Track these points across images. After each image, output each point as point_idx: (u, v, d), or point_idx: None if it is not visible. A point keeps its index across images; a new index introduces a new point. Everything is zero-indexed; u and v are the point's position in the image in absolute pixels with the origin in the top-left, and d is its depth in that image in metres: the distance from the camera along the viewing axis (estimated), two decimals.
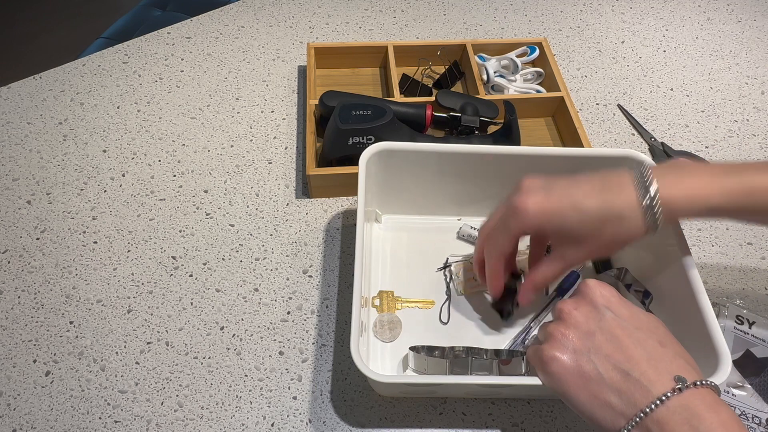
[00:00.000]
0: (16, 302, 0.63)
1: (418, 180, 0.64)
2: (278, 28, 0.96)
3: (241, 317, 0.62)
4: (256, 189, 0.74)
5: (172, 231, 0.69)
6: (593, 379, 0.39)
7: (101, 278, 0.65)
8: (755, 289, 0.66)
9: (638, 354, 0.40)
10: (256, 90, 0.86)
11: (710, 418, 0.36)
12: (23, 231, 0.69)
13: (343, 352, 0.60)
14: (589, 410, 0.39)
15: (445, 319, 0.61)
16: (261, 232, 0.69)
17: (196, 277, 0.65)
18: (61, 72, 0.87)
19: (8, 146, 0.77)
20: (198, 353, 0.59)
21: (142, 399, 0.56)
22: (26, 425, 0.55)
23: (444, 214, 0.69)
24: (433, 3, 1.02)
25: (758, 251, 0.69)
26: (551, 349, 0.42)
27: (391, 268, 0.65)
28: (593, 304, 0.43)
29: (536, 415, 0.56)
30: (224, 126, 0.81)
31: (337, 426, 0.55)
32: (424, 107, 0.75)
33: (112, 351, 0.59)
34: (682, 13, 1.03)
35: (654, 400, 0.37)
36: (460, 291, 0.63)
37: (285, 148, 0.78)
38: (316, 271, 0.66)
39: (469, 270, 0.63)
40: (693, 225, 0.72)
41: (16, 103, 0.83)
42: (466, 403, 0.57)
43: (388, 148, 0.61)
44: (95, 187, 0.73)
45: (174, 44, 0.92)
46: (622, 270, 0.60)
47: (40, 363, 0.59)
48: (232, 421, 0.55)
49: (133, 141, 0.78)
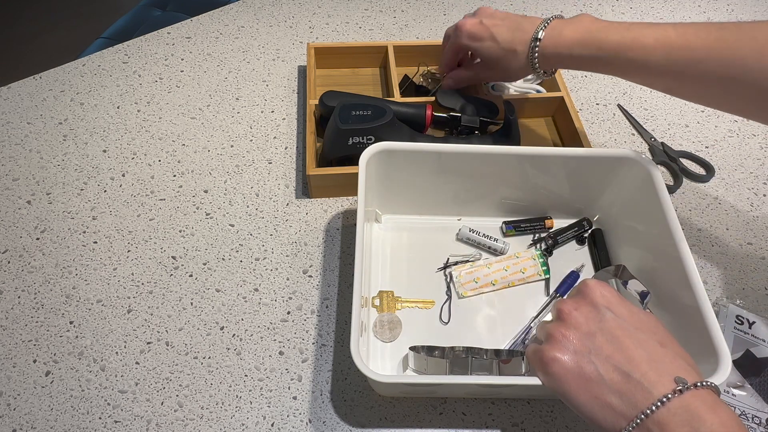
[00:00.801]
0: (16, 302, 0.63)
1: (418, 180, 0.64)
2: (278, 28, 0.96)
3: (241, 317, 0.62)
4: (256, 189, 0.74)
5: (172, 231, 0.69)
6: (594, 380, 0.39)
7: (101, 278, 0.65)
8: (755, 289, 0.66)
9: (639, 355, 0.40)
10: (256, 90, 0.86)
11: (711, 419, 0.36)
12: (23, 231, 0.69)
13: (343, 352, 0.60)
14: (589, 411, 0.39)
15: (446, 319, 0.61)
16: (261, 232, 0.69)
17: (196, 277, 0.65)
18: (61, 72, 0.87)
19: (8, 146, 0.77)
20: (198, 353, 0.59)
21: (142, 399, 0.56)
22: (26, 425, 0.55)
23: (444, 214, 0.69)
24: (433, 3, 1.02)
25: (758, 251, 0.69)
26: (552, 349, 0.41)
27: (391, 268, 0.65)
28: (593, 304, 0.43)
29: (536, 415, 0.56)
30: (224, 126, 0.81)
31: (337, 426, 0.55)
32: (424, 107, 0.75)
33: (112, 351, 0.59)
34: (682, 13, 1.03)
35: (655, 402, 0.37)
36: (461, 294, 0.63)
37: (285, 148, 0.78)
38: (316, 271, 0.66)
39: (469, 273, 0.63)
40: (693, 225, 0.72)
41: (16, 103, 0.83)
42: (466, 403, 0.57)
43: (388, 148, 0.61)
44: (95, 187, 0.73)
45: (174, 44, 0.92)
46: (620, 267, 0.60)
47: (40, 363, 0.59)
48: (232, 421, 0.55)
49: (133, 141, 0.78)
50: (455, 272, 0.64)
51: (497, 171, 0.63)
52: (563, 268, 0.66)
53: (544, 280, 0.64)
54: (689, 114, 0.85)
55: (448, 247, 0.67)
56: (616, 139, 0.82)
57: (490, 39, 0.66)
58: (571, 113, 0.78)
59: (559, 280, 0.65)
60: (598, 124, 0.84)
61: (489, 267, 0.64)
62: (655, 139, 0.81)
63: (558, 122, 0.83)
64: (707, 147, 0.81)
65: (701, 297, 0.51)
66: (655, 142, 0.81)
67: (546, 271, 0.64)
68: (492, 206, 0.69)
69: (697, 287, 0.51)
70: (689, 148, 0.80)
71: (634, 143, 0.81)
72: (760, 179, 0.77)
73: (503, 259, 0.65)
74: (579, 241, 0.68)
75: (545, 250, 0.66)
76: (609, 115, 0.85)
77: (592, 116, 0.85)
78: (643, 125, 0.83)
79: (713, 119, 0.85)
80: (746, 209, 0.74)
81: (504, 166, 0.63)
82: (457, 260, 0.66)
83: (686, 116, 0.85)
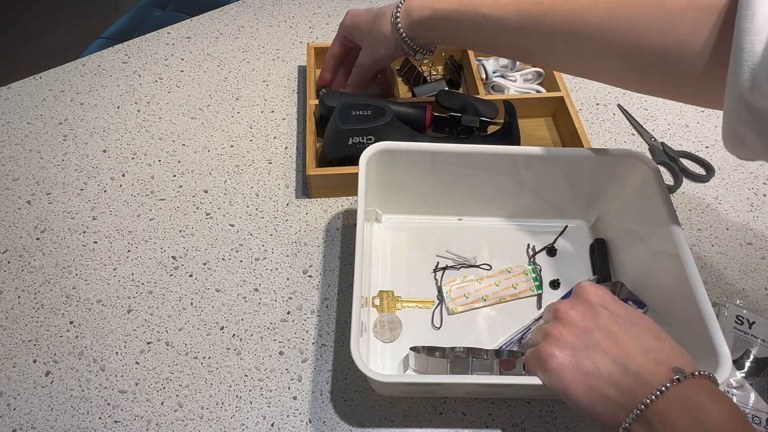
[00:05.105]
0: (16, 302, 0.63)
1: (419, 180, 0.64)
2: (278, 28, 0.96)
3: (241, 317, 0.62)
4: (256, 189, 0.74)
5: (172, 231, 0.69)
6: (592, 374, 0.40)
7: (101, 278, 0.65)
8: (755, 289, 0.66)
9: (635, 348, 0.40)
10: (256, 90, 0.86)
11: (710, 407, 0.36)
12: (23, 231, 0.69)
13: (343, 352, 0.60)
14: (588, 406, 0.39)
15: (438, 324, 0.61)
16: (261, 232, 0.69)
17: (196, 277, 0.65)
18: (61, 72, 0.87)
19: (8, 146, 0.77)
20: (198, 353, 0.59)
21: (142, 399, 0.56)
22: (26, 425, 0.55)
23: (444, 214, 0.69)
24: None
25: (758, 251, 0.69)
26: (549, 346, 0.42)
27: (391, 268, 0.65)
28: (589, 303, 0.43)
29: (536, 415, 0.56)
30: (224, 126, 0.81)
31: (337, 426, 0.55)
32: (424, 107, 0.75)
33: (112, 351, 0.59)
34: None
35: (653, 392, 0.37)
36: (451, 310, 0.62)
37: (285, 148, 0.78)
38: (316, 271, 0.66)
39: (460, 288, 0.63)
40: (693, 225, 0.72)
41: (16, 103, 0.83)
42: (466, 403, 0.57)
43: (388, 148, 0.61)
44: (95, 187, 0.73)
45: (174, 44, 0.92)
46: (617, 284, 0.60)
47: (40, 363, 0.59)
48: (232, 421, 0.55)
49: (133, 141, 0.78)
50: (445, 288, 0.63)
51: (497, 171, 0.63)
52: (564, 275, 0.65)
53: (536, 295, 0.64)
54: (689, 114, 0.85)
55: (448, 248, 0.67)
56: (616, 139, 0.82)
57: (365, 13, 0.69)
58: (571, 113, 0.78)
59: (553, 288, 0.65)
60: (598, 124, 0.84)
61: (480, 282, 0.63)
62: (655, 139, 0.81)
63: (558, 122, 0.83)
64: (707, 147, 0.81)
65: (701, 297, 0.51)
66: (655, 142, 0.81)
67: (538, 286, 0.64)
68: (492, 206, 0.69)
69: (697, 287, 0.51)
70: (689, 148, 0.80)
71: (634, 143, 0.81)
72: (760, 179, 0.77)
73: (495, 273, 0.65)
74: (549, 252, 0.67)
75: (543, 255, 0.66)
76: (609, 115, 0.85)
77: (592, 116, 0.85)
78: (643, 125, 0.83)
79: (713, 119, 0.85)
80: (746, 209, 0.74)
81: (504, 166, 0.63)
82: (447, 264, 0.65)
83: (686, 116, 0.85)
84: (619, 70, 0.53)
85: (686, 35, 0.46)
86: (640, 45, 0.49)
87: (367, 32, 0.68)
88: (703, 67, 0.46)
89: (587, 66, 0.56)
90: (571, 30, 0.52)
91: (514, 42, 0.58)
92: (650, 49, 0.49)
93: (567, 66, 0.59)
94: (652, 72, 0.50)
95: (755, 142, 0.44)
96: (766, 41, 0.39)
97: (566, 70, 0.60)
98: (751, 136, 0.44)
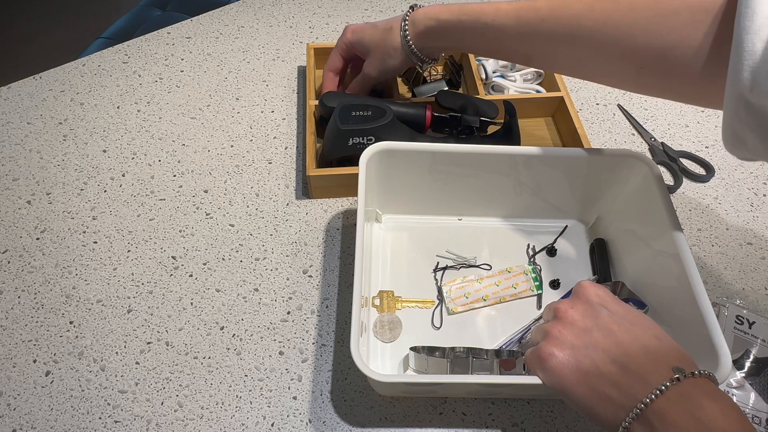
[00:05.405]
0: (16, 302, 0.63)
1: (419, 180, 0.64)
2: (278, 28, 0.96)
3: (241, 317, 0.62)
4: (256, 189, 0.74)
5: (172, 231, 0.69)
6: (592, 373, 0.40)
7: (101, 278, 0.65)
8: (755, 289, 0.66)
9: (635, 347, 0.40)
10: (256, 90, 0.86)
11: (710, 406, 0.36)
12: (23, 231, 0.69)
13: (343, 352, 0.60)
14: (588, 405, 0.39)
15: (438, 324, 0.61)
16: (261, 232, 0.69)
17: (196, 277, 0.65)
18: (61, 72, 0.87)
19: (8, 146, 0.77)
20: (198, 353, 0.59)
21: (142, 399, 0.56)
22: (26, 425, 0.55)
23: (444, 214, 0.69)
24: (432, 3, 1.02)
25: (758, 251, 0.69)
26: (549, 345, 0.42)
27: (391, 268, 0.65)
28: (588, 302, 0.43)
29: (536, 415, 0.56)
30: (224, 126, 0.81)
31: (337, 426, 0.55)
32: (424, 107, 0.75)
33: (112, 351, 0.59)
34: None
35: (653, 391, 0.37)
36: (451, 310, 0.62)
37: (285, 148, 0.78)
38: (316, 271, 0.66)
39: (460, 288, 0.63)
40: (693, 225, 0.72)
41: (16, 103, 0.83)
42: (466, 403, 0.57)
43: (388, 148, 0.61)
44: (95, 187, 0.73)
45: (174, 44, 0.92)
46: (618, 284, 0.60)
47: (40, 363, 0.59)
48: (232, 421, 0.55)
49: (133, 141, 0.78)
50: (445, 288, 0.63)
51: (497, 171, 0.63)
52: (563, 275, 0.65)
53: (536, 295, 0.64)
54: (689, 114, 0.85)
55: (448, 248, 0.67)
56: (616, 139, 0.82)
57: (370, 28, 0.70)
58: (571, 113, 0.78)
59: (553, 288, 0.65)
60: (598, 124, 0.84)
61: (480, 282, 0.63)
62: (655, 139, 0.81)
63: (558, 122, 0.83)
64: (707, 147, 0.81)
65: (701, 297, 0.51)
66: (655, 142, 0.81)
67: (538, 286, 0.64)
68: (492, 206, 0.69)
69: (697, 287, 0.51)
70: (689, 148, 0.80)
71: (634, 143, 0.81)
72: (760, 179, 0.77)
73: (495, 273, 0.65)
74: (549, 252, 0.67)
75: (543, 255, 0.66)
76: (609, 115, 0.85)
77: (592, 116, 0.85)
78: (643, 125, 0.83)
79: (713, 119, 0.85)
80: (746, 209, 0.74)
81: (504, 166, 0.63)
82: (447, 264, 0.65)
83: (686, 116, 0.85)
84: (617, 72, 0.54)
85: (682, 37, 0.46)
86: (636, 47, 0.49)
87: (376, 45, 0.69)
88: (701, 67, 0.46)
89: (587, 69, 0.57)
90: (568, 35, 0.53)
91: (516, 47, 0.60)
92: (647, 52, 0.49)
93: (568, 69, 0.60)
94: (649, 73, 0.51)
95: (755, 142, 0.44)
96: (766, 40, 0.39)
97: (567, 72, 0.61)
98: (751, 136, 0.44)
